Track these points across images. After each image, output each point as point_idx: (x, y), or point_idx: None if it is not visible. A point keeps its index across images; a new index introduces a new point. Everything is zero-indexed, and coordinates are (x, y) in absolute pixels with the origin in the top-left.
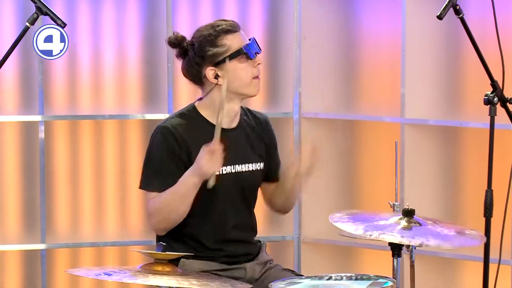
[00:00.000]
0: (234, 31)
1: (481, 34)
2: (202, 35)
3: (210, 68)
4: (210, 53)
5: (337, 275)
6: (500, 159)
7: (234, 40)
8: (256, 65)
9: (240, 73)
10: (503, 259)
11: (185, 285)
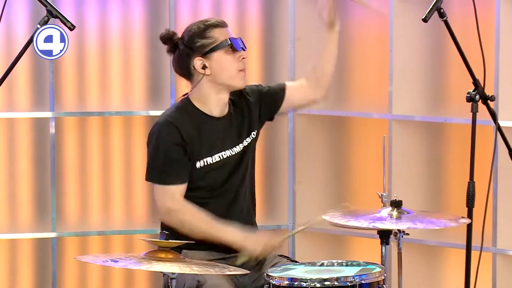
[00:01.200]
0: (222, 26)
1: (463, 36)
2: (192, 29)
3: (198, 58)
4: (199, 44)
5: (329, 262)
6: (482, 153)
7: (221, 34)
8: (241, 59)
9: (226, 65)
10: (485, 247)
11: (186, 271)
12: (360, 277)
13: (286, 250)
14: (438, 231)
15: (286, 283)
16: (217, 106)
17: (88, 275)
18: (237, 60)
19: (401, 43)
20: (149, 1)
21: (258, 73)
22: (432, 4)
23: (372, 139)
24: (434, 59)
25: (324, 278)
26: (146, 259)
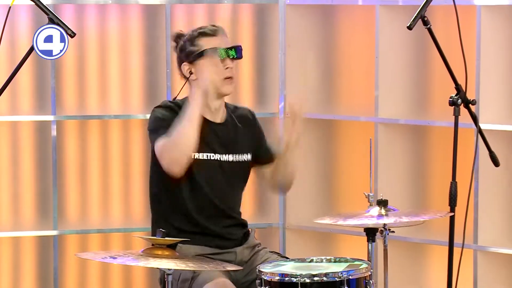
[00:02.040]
0: (213, 35)
1: (446, 43)
2: (187, 35)
3: (185, 63)
4: (187, 50)
5: (318, 258)
6: (463, 154)
7: (209, 42)
8: (226, 68)
9: (209, 72)
10: (466, 244)
11: (182, 267)
12: (347, 273)
13: (277, 247)
14: (422, 229)
15: (277, 278)
16: (207, 109)
17: (88, 271)
18: (223, 69)
19: (386, 50)
20: (146, 9)
21: (251, 78)
22: (416, 13)
23: (359, 141)
24: (418, 65)
25: (313, 274)
26: (144, 256)
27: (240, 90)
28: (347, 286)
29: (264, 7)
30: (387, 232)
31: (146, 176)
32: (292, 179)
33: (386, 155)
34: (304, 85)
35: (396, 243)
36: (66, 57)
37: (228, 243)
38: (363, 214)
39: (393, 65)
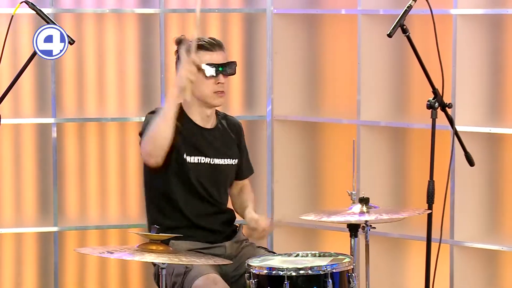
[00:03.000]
0: (210, 49)
1: (424, 50)
2: (189, 44)
3: None
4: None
5: (304, 253)
6: (440, 155)
7: (205, 57)
8: (218, 83)
9: (201, 86)
10: (443, 239)
11: (175, 261)
12: (331, 266)
13: (265, 243)
14: (401, 225)
15: (265, 272)
16: (199, 116)
17: (87, 265)
18: (213, 83)
19: (368, 56)
20: (142, 18)
21: (240, 83)
22: (396, 21)
23: (342, 143)
24: (398, 70)
25: (299, 267)
26: (139, 251)
27: (231, 94)
28: (331, 279)
29: (252, 16)
30: (368, 228)
31: (141, 175)
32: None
33: (368, 156)
34: (291, 90)
35: (377, 239)
36: (66, 63)
37: (218, 238)
38: (346, 211)
39: (374, 71)
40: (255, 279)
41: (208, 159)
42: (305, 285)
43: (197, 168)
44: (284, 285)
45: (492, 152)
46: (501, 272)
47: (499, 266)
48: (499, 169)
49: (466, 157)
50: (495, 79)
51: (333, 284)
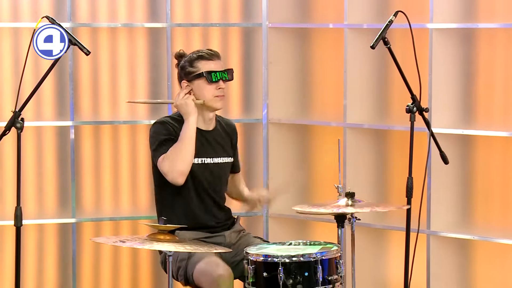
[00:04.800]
0: (210, 59)
1: (403, 60)
2: (188, 56)
3: (184, 81)
4: (186, 70)
5: (296, 241)
6: (418, 154)
7: (206, 65)
8: (218, 88)
9: (204, 91)
10: (421, 229)
11: (181, 249)
12: (321, 254)
13: (261, 233)
14: (383, 217)
15: (261, 258)
16: (202, 120)
17: (101, 253)
18: (215, 88)
19: (353, 65)
20: (150, 32)
21: (239, 89)
22: (378, 34)
23: (330, 143)
24: (380, 78)
25: (292, 255)
26: (148, 240)
27: (230, 99)
28: (320, 265)
29: (250, 30)
30: (354, 219)
31: (150, 172)
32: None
33: (353, 155)
34: (284, 95)
35: (362, 229)
36: (83, 72)
37: (218, 228)
38: (334, 204)
39: (358, 78)
40: (253, 265)
41: (210, 159)
42: (297, 271)
43: (203, 168)
44: (279, 270)
45: (464, 152)
46: (472, 259)
47: (470, 254)
48: (471, 167)
49: (441, 156)
50: (467, 86)
51: (322, 270)
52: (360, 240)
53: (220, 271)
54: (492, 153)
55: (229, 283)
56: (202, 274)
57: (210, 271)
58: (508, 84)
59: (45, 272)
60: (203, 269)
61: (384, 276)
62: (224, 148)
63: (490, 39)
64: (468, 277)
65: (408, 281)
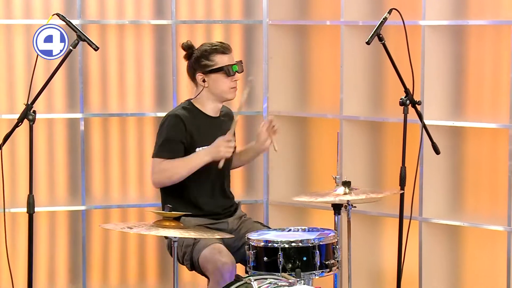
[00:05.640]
0: (224, 53)
1: (397, 55)
2: (202, 49)
3: (199, 73)
4: (203, 63)
5: (295, 228)
6: (411, 144)
7: (222, 59)
8: (234, 80)
9: (220, 84)
10: (413, 216)
11: (185, 235)
12: (318, 240)
13: (262, 219)
14: (378, 205)
15: (262, 244)
16: (212, 110)
17: (110, 239)
18: (230, 81)
19: (349, 60)
20: (156, 28)
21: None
22: (373, 31)
23: (327, 134)
24: (375, 72)
25: (291, 240)
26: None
27: None
28: (318, 250)
29: (251, 26)
30: (350, 207)
31: None
32: (240, 166)
33: (349, 145)
34: (283, 89)
35: (358, 216)
36: (92, 66)
37: (221, 215)
38: (331, 192)
39: (354, 73)
40: (254, 250)
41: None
42: (296, 256)
43: None
44: (278, 255)
45: (455, 142)
46: (462, 244)
47: (460, 239)
48: (461, 156)
49: (432, 147)
50: (458, 80)
51: (320, 255)
52: (356, 227)
53: (223, 259)
54: (481, 144)
55: (232, 270)
56: (207, 261)
57: (214, 259)
58: (496, 78)
59: (56, 257)
60: (207, 256)
61: (378, 260)
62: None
63: (480, 36)
64: (458, 261)
65: (401, 265)
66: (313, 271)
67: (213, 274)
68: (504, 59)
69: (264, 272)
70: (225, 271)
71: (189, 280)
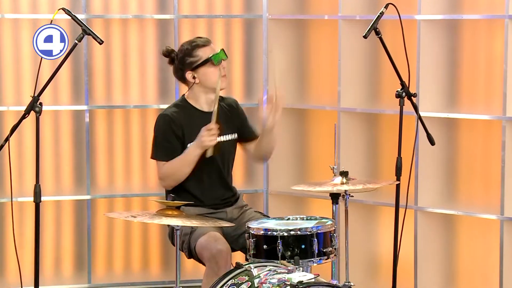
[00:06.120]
0: (204, 45)
1: (393, 48)
2: (183, 49)
3: (188, 72)
4: (188, 61)
5: (294, 217)
6: (407, 136)
7: (205, 52)
8: (222, 68)
9: (210, 75)
10: (409, 205)
11: (187, 224)
12: (316, 228)
13: (262, 208)
14: (374, 194)
15: (262, 232)
16: (206, 103)
17: (114, 227)
18: (218, 70)
19: (347, 54)
20: (159, 23)
21: (241, 75)
22: (370, 25)
23: (325, 126)
24: (372, 66)
25: (290, 229)
26: (157, 215)
27: (233, 85)
28: (316, 238)
29: (251, 21)
30: (347, 196)
31: None
32: (272, 150)
33: (347, 136)
34: (283, 81)
35: (355, 205)
36: (97, 60)
37: (220, 205)
38: (329, 182)
39: (352, 66)
40: (254, 238)
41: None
42: (295, 244)
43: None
44: (278, 243)
45: (449, 134)
46: (456, 233)
47: (454, 227)
48: (455, 147)
49: (428, 138)
50: (452, 73)
51: (318, 243)
52: (353, 215)
53: (219, 246)
54: (475, 135)
55: (226, 258)
56: (203, 248)
57: (209, 246)
58: (490, 71)
59: (62, 245)
60: (203, 244)
61: (375, 248)
62: (227, 126)
63: (474, 30)
64: (452, 248)
65: (397, 252)
66: (312, 258)
67: (208, 261)
68: (497, 53)
69: (263, 259)
70: (220, 258)
71: (191, 267)
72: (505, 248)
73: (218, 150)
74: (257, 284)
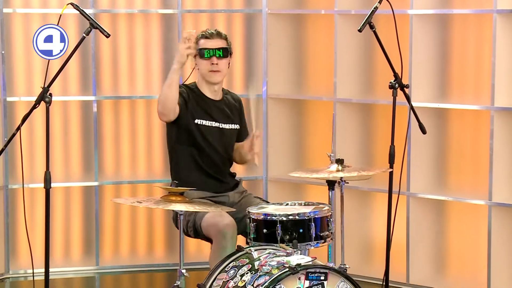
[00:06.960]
0: (207, 37)
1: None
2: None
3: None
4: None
5: (292, 202)
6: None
7: (204, 43)
8: (212, 63)
9: (201, 66)
10: (401, 191)
11: (190, 209)
12: (314, 213)
13: (261, 194)
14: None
15: (262, 217)
16: (209, 90)
17: (121, 212)
18: (209, 64)
19: (343, 47)
20: (164, 17)
21: (242, 68)
22: (365, 19)
23: (322, 115)
24: (366, 58)
25: (288, 213)
26: (162, 201)
27: (234, 77)
28: (313, 223)
29: (251, 15)
30: (343, 183)
31: (164, 141)
32: (242, 164)
33: (342, 126)
34: (282, 74)
35: (350, 191)
36: (104, 53)
37: (223, 189)
38: (325, 169)
39: (347, 59)
40: (254, 223)
41: (217, 123)
42: (293, 228)
43: (209, 130)
44: (277, 227)
45: (440, 123)
46: (446, 217)
47: (445, 212)
48: (445, 136)
49: (419, 127)
50: (443, 65)
51: (315, 227)
52: (348, 201)
53: (225, 221)
54: (464, 124)
55: (233, 232)
56: (210, 224)
57: (216, 222)
58: (478, 63)
59: (72, 229)
60: (210, 221)
61: (369, 232)
62: (230, 117)
63: (463, 24)
64: (442, 232)
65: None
66: (309, 242)
67: (215, 236)
68: (486, 46)
69: (263, 243)
70: (227, 232)
71: (194, 250)
72: (493, 232)
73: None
74: (257, 266)
